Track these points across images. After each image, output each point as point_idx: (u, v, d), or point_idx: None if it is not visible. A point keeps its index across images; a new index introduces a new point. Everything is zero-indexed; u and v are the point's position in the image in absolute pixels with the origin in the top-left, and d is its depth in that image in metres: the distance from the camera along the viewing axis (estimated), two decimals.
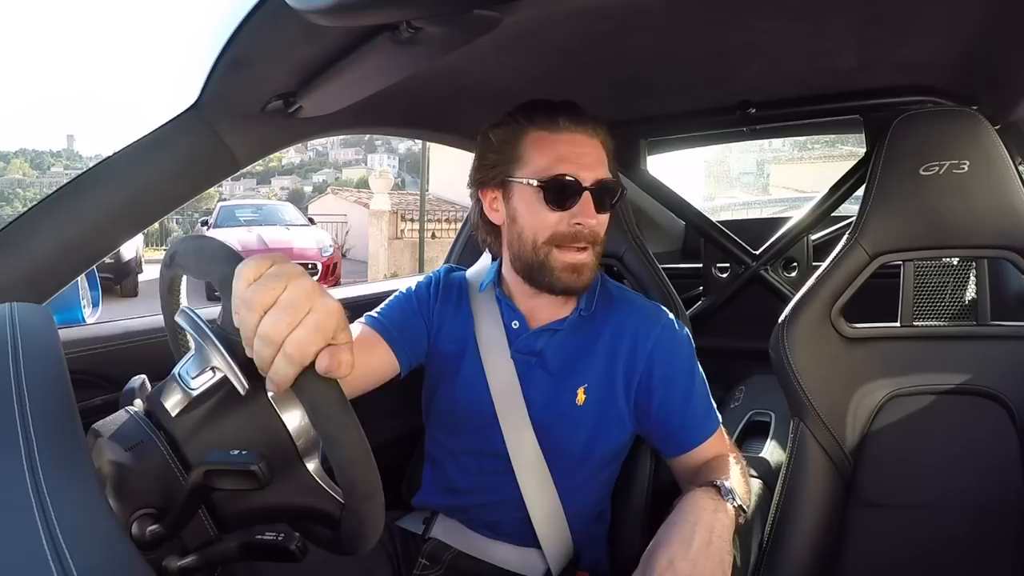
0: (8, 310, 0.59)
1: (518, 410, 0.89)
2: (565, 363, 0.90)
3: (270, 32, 0.68)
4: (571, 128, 0.85)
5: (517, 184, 0.86)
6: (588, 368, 0.89)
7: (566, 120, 0.85)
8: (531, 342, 0.91)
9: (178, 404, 0.54)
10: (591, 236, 0.85)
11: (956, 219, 0.94)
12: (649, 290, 1.15)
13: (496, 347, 0.91)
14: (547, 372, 0.90)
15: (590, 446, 0.90)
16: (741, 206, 7.23)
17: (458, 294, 0.98)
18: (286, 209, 10.35)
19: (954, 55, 1.04)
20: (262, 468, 0.47)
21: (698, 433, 0.88)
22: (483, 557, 0.91)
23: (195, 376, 0.54)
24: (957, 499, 0.94)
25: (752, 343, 1.21)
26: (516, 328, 0.92)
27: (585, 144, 0.86)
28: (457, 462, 0.94)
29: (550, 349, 0.91)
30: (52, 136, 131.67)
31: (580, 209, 0.83)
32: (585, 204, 0.83)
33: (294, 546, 0.52)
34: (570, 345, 0.91)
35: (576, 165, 0.83)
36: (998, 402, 0.94)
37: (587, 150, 0.85)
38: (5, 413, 0.45)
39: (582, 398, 0.88)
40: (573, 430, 0.89)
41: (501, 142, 0.88)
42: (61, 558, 0.33)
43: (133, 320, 1.05)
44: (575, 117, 0.85)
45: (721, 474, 0.79)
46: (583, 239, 0.85)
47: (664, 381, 0.89)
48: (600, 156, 0.87)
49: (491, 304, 0.94)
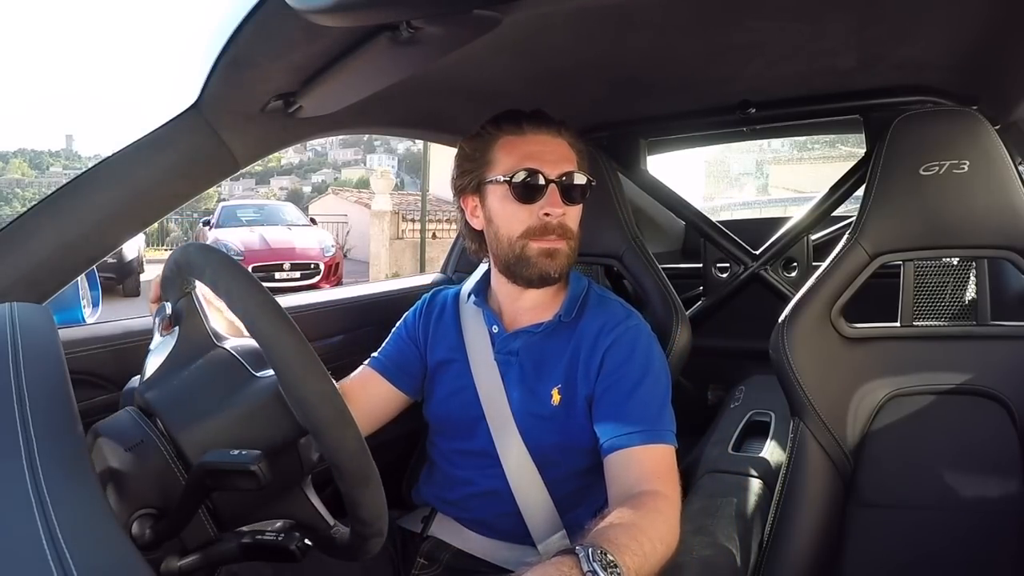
0: (8, 310, 0.59)
1: (502, 409, 0.92)
2: (539, 364, 0.93)
3: (270, 32, 0.68)
4: (535, 130, 0.92)
5: (490, 185, 0.92)
6: (560, 369, 0.92)
7: (529, 124, 0.92)
8: (508, 342, 0.95)
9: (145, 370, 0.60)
10: (560, 228, 0.90)
11: (956, 219, 0.94)
12: (649, 290, 1.15)
13: (481, 351, 0.96)
14: (523, 372, 0.93)
15: (568, 445, 0.91)
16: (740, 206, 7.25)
17: (444, 309, 1.04)
18: (288, 209, 10.34)
19: (954, 55, 1.04)
20: (262, 468, 0.47)
21: (633, 435, 0.81)
22: (481, 555, 0.92)
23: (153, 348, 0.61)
24: (957, 499, 0.94)
25: (752, 343, 1.21)
26: (496, 332, 0.97)
27: (549, 143, 0.92)
28: (450, 461, 0.98)
29: (525, 349, 0.94)
30: (51, 136, 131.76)
31: (547, 200, 0.89)
32: (551, 195, 0.89)
33: (294, 546, 0.53)
34: (546, 347, 0.94)
35: (540, 161, 0.89)
36: (998, 402, 0.94)
37: (551, 148, 0.91)
38: (5, 413, 0.45)
39: (557, 398, 0.91)
40: (550, 429, 0.91)
41: (474, 150, 0.94)
42: (61, 558, 0.33)
43: (133, 320, 1.05)
44: (538, 121, 0.92)
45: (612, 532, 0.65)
46: (553, 231, 0.89)
47: (612, 374, 0.88)
48: (565, 153, 0.92)
49: (477, 312, 0.99)
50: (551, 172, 0.89)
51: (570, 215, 0.91)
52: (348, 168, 54.14)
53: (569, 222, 0.91)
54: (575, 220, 0.93)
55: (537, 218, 0.89)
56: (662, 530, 0.70)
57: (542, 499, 0.90)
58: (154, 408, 0.56)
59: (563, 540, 0.90)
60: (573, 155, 0.93)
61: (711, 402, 1.63)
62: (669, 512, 0.73)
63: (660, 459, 0.81)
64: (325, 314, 1.30)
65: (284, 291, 4.26)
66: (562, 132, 0.93)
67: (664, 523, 0.71)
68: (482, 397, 0.94)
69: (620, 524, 0.67)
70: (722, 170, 22.44)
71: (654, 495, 0.75)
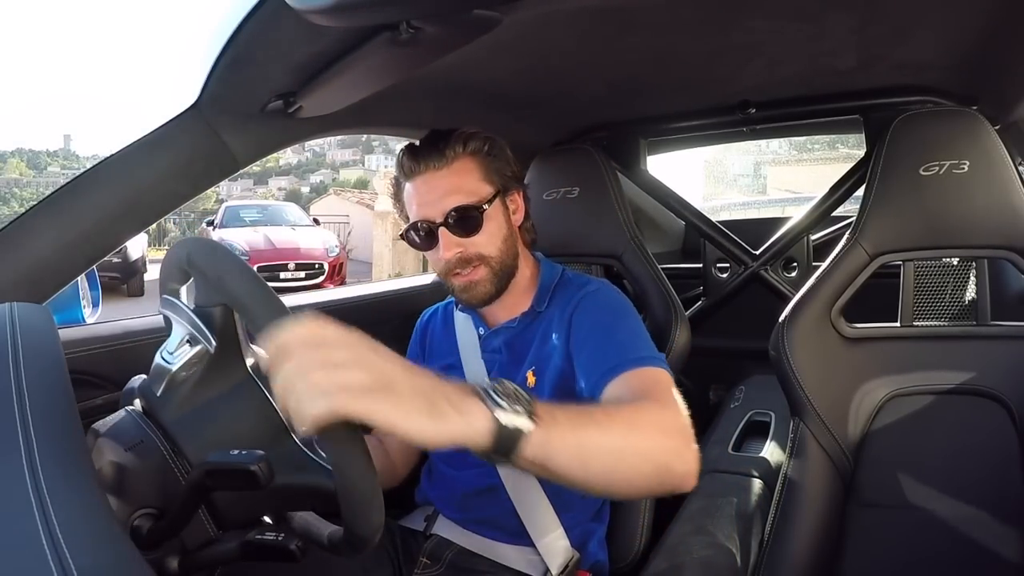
0: (8, 310, 0.59)
1: None
2: (513, 352, 0.96)
3: (270, 32, 0.68)
4: (418, 170, 0.91)
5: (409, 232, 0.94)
6: (533, 352, 0.94)
7: (415, 162, 0.91)
8: (491, 341, 0.98)
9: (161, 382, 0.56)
10: (463, 262, 0.90)
11: (956, 219, 0.94)
12: (648, 290, 1.15)
13: (471, 352, 0.99)
14: (502, 364, 0.96)
15: None
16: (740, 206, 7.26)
17: (435, 323, 1.08)
18: (290, 209, 10.33)
19: (954, 55, 1.04)
20: (262, 468, 0.47)
21: (618, 365, 0.77)
22: (483, 554, 0.92)
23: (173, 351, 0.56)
24: (957, 499, 0.94)
25: (752, 343, 1.21)
26: (482, 333, 1.00)
27: (431, 180, 0.90)
28: (448, 461, 0.99)
29: (505, 344, 0.97)
30: (49, 136, 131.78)
31: (441, 245, 0.89)
32: (444, 238, 0.89)
33: (294, 546, 0.52)
34: (521, 338, 0.96)
35: (426, 207, 0.90)
36: (998, 402, 0.94)
37: (432, 186, 0.90)
38: (5, 413, 0.45)
39: (532, 380, 0.92)
40: None
41: (396, 199, 0.97)
42: (61, 558, 0.33)
43: (133, 320, 1.05)
44: (425, 154, 0.90)
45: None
46: (456, 267, 0.91)
47: (582, 331, 0.88)
48: (452, 183, 0.89)
49: (467, 317, 1.02)
50: (437, 215, 0.89)
51: (475, 243, 0.90)
52: (346, 168, 54.16)
53: (476, 249, 0.90)
54: (485, 243, 0.91)
55: (441, 262, 0.91)
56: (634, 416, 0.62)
57: (537, 496, 0.90)
58: (155, 408, 0.56)
59: (565, 542, 0.90)
60: (464, 178, 0.90)
61: (712, 402, 1.64)
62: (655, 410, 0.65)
63: (653, 379, 0.75)
64: (330, 313, 1.29)
65: (289, 291, 4.27)
66: (448, 154, 0.89)
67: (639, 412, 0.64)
68: None
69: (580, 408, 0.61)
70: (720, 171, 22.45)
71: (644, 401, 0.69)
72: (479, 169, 0.92)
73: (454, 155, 0.90)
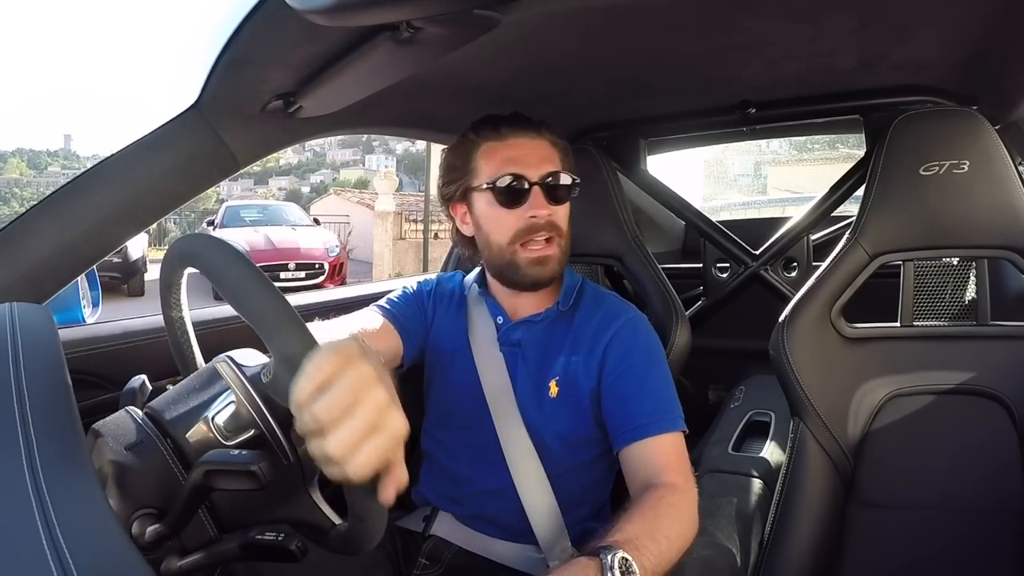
0: (8, 310, 0.59)
1: (508, 401, 0.93)
2: (540, 356, 0.94)
3: (270, 32, 0.68)
4: (514, 134, 0.93)
5: (475, 192, 0.94)
6: (558, 362, 0.93)
7: (508, 128, 0.93)
8: (511, 333, 0.96)
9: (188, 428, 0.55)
10: (549, 227, 0.91)
11: (956, 219, 0.94)
12: (648, 290, 1.15)
13: (486, 342, 0.97)
14: (527, 364, 0.94)
15: (568, 437, 0.92)
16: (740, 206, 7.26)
17: (452, 296, 1.05)
18: (291, 209, 10.33)
19: (954, 55, 1.04)
20: (262, 468, 0.47)
21: (646, 426, 0.84)
22: (484, 554, 0.92)
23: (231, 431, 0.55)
24: (957, 499, 0.94)
25: (752, 343, 1.21)
26: (500, 323, 0.98)
27: (529, 145, 0.92)
28: (452, 455, 0.97)
29: (527, 340, 0.95)
30: (49, 136, 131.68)
31: (532, 203, 0.90)
32: (535, 198, 0.90)
33: (294, 546, 0.52)
34: (545, 338, 0.95)
35: (522, 164, 0.90)
36: (998, 402, 0.94)
37: (530, 150, 0.92)
38: (5, 413, 0.45)
39: (555, 391, 0.92)
40: (551, 421, 0.91)
41: (457, 159, 0.96)
42: (61, 558, 0.33)
43: (133, 320, 1.05)
44: (516, 124, 0.93)
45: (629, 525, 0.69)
46: (541, 230, 0.90)
47: (617, 367, 0.90)
48: (546, 153, 0.93)
49: (481, 303, 1.00)
50: (533, 174, 0.90)
51: (557, 215, 0.92)
52: (347, 168, 54.16)
53: (558, 221, 0.92)
54: (564, 219, 0.94)
55: (524, 221, 0.90)
56: (678, 527, 0.73)
57: (545, 496, 0.90)
58: (155, 408, 0.56)
59: (566, 541, 0.90)
60: (556, 154, 0.94)
61: (712, 402, 1.64)
62: (686, 506, 0.77)
63: (673, 448, 0.84)
64: (330, 313, 1.29)
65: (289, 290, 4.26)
66: (543, 132, 0.94)
67: (679, 520, 0.74)
68: (487, 389, 0.94)
69: (640, 523, 0.70)
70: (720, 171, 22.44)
71: (671, 488, 0.77)
72: (564, 159, 0.95)
73: (550, 135, 0.94)
